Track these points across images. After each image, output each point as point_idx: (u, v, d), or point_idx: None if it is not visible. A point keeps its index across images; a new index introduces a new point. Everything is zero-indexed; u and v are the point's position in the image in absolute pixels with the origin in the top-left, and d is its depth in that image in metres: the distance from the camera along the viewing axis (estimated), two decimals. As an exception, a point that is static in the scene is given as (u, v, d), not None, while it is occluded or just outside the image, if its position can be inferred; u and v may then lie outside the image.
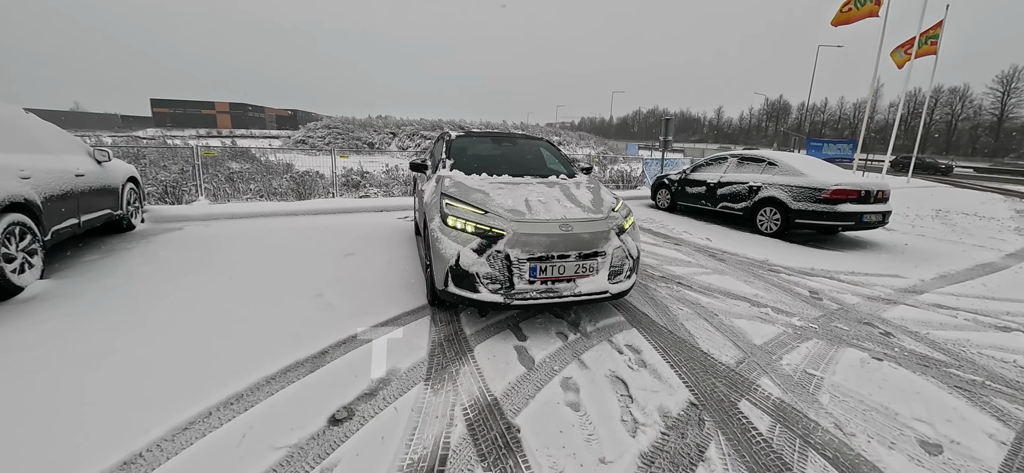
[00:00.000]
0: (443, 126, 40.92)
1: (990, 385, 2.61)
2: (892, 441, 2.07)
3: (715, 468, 1.85)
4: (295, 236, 5.70)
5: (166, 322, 3.02)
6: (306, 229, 6.17)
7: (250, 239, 5.46)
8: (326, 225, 6.51)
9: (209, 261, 4.45)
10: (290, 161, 12.17)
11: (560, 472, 1.78)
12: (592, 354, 2.77)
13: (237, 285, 3.78)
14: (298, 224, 6.52)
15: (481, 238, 2.85)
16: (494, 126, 42.05)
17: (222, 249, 4.94)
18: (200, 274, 4.03)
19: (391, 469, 1.75)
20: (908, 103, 58.43)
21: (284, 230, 6.06)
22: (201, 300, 3.42)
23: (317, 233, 5.92)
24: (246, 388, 2.23)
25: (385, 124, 42.67)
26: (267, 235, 5.71)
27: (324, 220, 6.93)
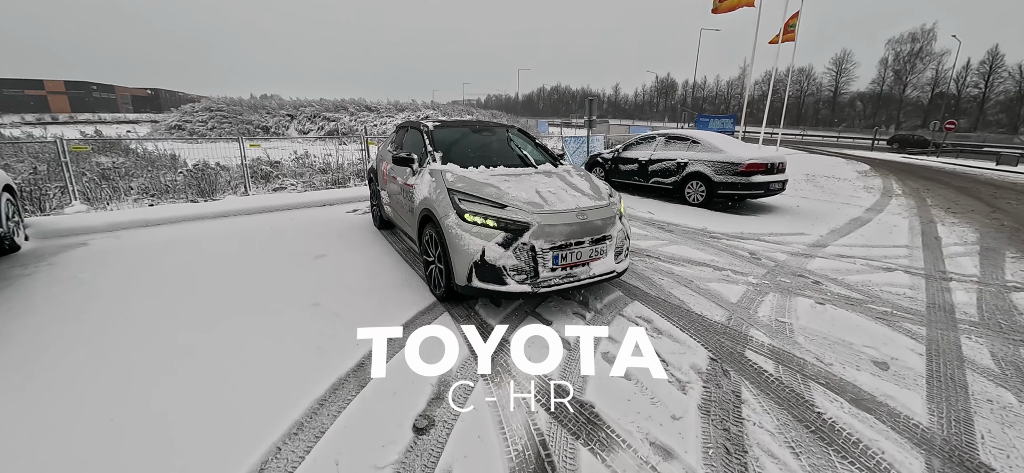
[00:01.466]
0: (347, 106, 38.12)
1: (896, 313, 3.44)
2: (856, 365, 2.68)
3: (752, 406, 2.25)
4: (241, 241, 5.11)
5: (161, 357, 2.62)
6: (247, 232, 5.55)
7: (188, 248, 4.77)
8: (267, 226, 5.90)
9: (155, 279, 3.84)
10: (175, 152, 10.50)
11: (646, 433, 2.02)
12: (614, 328, 3.05)
13: (212, 303, 3.36)
14: (233, 228, 5.82)
15: (506, 232, 2.93)
16: (403, 106, 40.27)
17: (161, 263, 4.27)
18: (156, 297, 3.49)
19: (504, 463, 1.84)
20: (772, 83, 68.53)
21: (221, 235, 5.38)
22: (182, 326, 3.00)
23: (264, 236, 5.37)
24: (303, 415, 2.10)
25: (280, 105, 38.50)
26: (205, 242, 5.04)
27: (259, 221, 6.25)
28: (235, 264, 4.30)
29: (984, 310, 3.54)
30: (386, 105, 40.93)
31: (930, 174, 14.66)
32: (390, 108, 40.67)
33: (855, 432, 2.08)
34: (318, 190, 8.73)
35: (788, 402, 2.30)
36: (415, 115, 37.82)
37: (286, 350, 2.68)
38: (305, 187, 9.00)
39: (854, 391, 2.41)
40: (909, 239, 5.81)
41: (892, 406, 2.28)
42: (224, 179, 8.55)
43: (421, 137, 4.21)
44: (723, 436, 2.04)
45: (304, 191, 8.66)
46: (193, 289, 3.63)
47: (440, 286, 3.40)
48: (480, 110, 50.50)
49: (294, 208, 7.13)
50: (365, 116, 37.85)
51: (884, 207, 8.14)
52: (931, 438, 2.07)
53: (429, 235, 3.49)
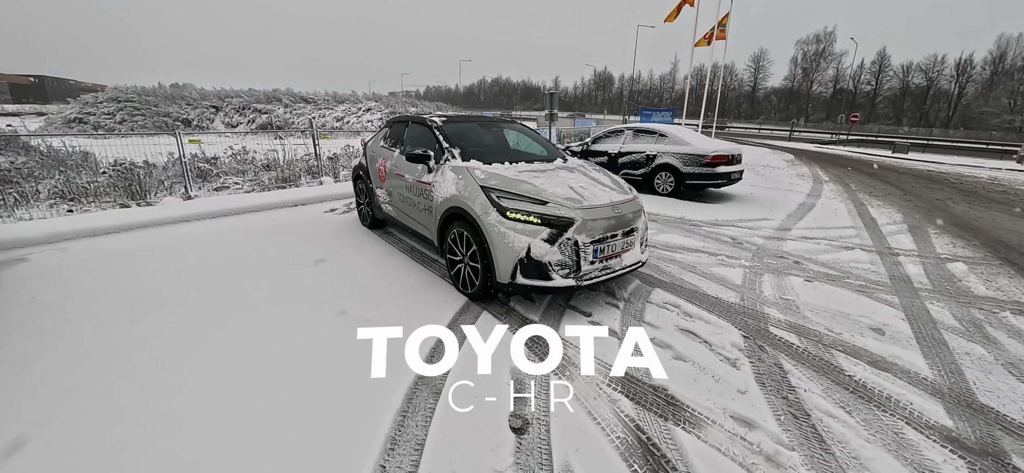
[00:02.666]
0: (281, 97, 35.53)
1: (870, 286, 3.96)
2: (860, 332, 3.07)
3: (796, 376, 2.52)
4: (220, 246, 4.67)
5: (204, 394, 2.37)
6: (219, 236, 5.07)
7: (166, 256, 4.27)
8: (235, 230, 5.42)
9: (143, 296, 3.42)
10: (86, 149, 9.08)
11: (723, 408, 2.20)
12: (650, 316, 3.23)
13: (226, 320, 3.06)
14: (200, 232, 5.28)
15: (551, 228, 2.98)
16: (343, 97, 38.27)
17: (141, 277, 3.80)
18: (155, 316, 3.11)
19: (614, 452, 1.92)
20: (701, 78, 73.59)
21: (194, 240, 4.87)
22: (208, 352, 2.72)
23: (242, 240, 4.95)
24: (391, 429, 2.03)
25: (202, 96, 35.05)
26: (182, 248, 4.54)
27: (226, 225, 5.72)
28: (230, 272, 3.93)
29: (932, 279, 4.18)
30: (324, 96, 38.68)
31: (842, 162, 16.66)
32: (329, 99, 38.52)
33: (884, 389, 2.41)
34: (271, 190, 8.06)
35: (822, 369, 2.60)
36: (357, 108, 36.12)
37: (338, 365, 2.54)
38: (253, 186, 8.28)
39: (868, 355, 2.77)
40: (851, 221, 6.63)
41: (902, 365, 2.66)
42: (156, 179, 7.64)
43: (431, 133, 4.10)
44: (785, 404, 2.27)
45: (252, 191, 7.97)
46: (195, 304, 3.28)
47: (470, 285, 3.37)
48: (423, 103, 49.21)
49: (261, 209, 6.59)
50: (301, 108, 35.56)
51: (820, 193, 9.18)
52: (940, 388, 2.45)
53: (456, 233, 3.44)
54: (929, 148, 23.73)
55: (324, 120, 32.77)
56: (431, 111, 38.78)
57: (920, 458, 1.95)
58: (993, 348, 2.90)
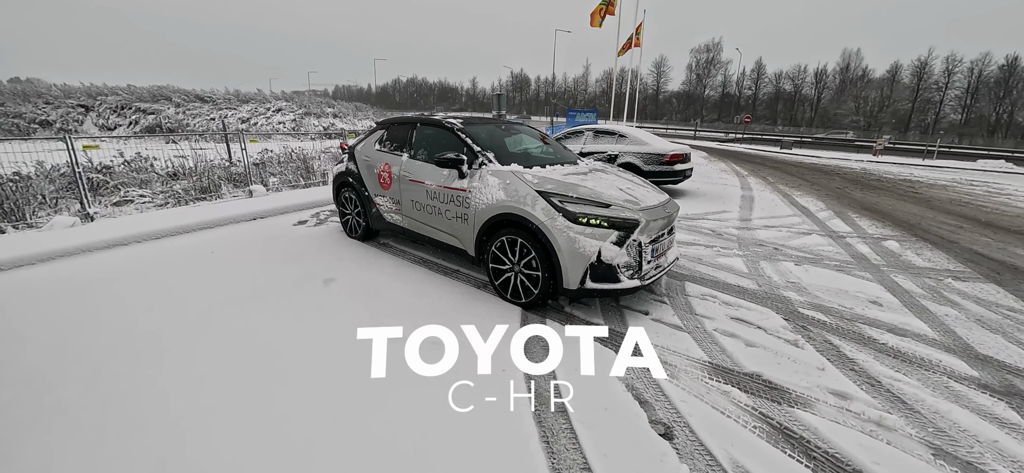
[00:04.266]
0: (170, 96, 31.02)
1: (844, 264, 4.60)
2: (864, 306, 3.56)
3: (847, 349, 2.85)
4: (189, 276, 3.96)
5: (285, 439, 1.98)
6: (178, 263, 4.30)
7: (135, 281, 3.49)
8: (194, 251, 4.65)
9: (124, 350, 2.76)
10: None
11: (816, 385, 2.42)
12: (700, 309, 3.42)
13: (275, 364, 2.61)
14: (142, 257, 4.43)
15: (619, 230, 3.01)
16: (247, 96, 34.54)
17: (103, 324, 3.06)
18: (162, 377, 2.53)
19: (762, 442, 2.01)
20: (610, 81, 78.66)
21: (143, 269, 4.06)
22: (278, 402, 2.29)
23: (214, 266, 4.25)
24: (547, 458, 1.91)
25: (66, 93, 29.33)
26: (148, 272, 3.75)
27: (168, 247, 4.88)
28: (233, 308, 3.34)
29: (882, 256, 4.98)
30: (224, 95, 34.56)
31: (746, 158, 19.04)
32: (230, 98, 34.49)
33: (914, 351, 2.84)
34: (192, 203, 6.92)
35: (860, 340, 2.97)
36: (265, 108, 32.77)
37: (448, 403, 2.31)
38: (167, 200, 7.06)
39: (884, 324, 3.22)
40: (790, 210, 7.62)
41: (913, 330, 3.15)
42: (33, 194, 6.08)
43: (454, 137, 3.89)
44: (857, 374, 2.56)
45: (167, 205, 6.81)
46: (213, 362, 2.74)
47: (524, 294, 3.28)
48: (341, 103, 46.11)
49: (212, 226, 5.68)
50: (196, 108, 31.44)
51: (750, 187, 10.40)
52: (950, 345, 2.94)
53: (504, 241, 3.32)
54: (804, 144, 28.06)
55: (226, 120, 29.22)
56: (326, 108, 36.55)
57: (975, 404, 2.33)
58: (959, 309, 3.55)
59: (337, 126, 30.76)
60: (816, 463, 1.91)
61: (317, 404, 2.20)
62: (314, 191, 7.98)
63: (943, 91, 46.15)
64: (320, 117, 31.96)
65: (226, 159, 8.94)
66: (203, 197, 7.38)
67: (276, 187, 8.44)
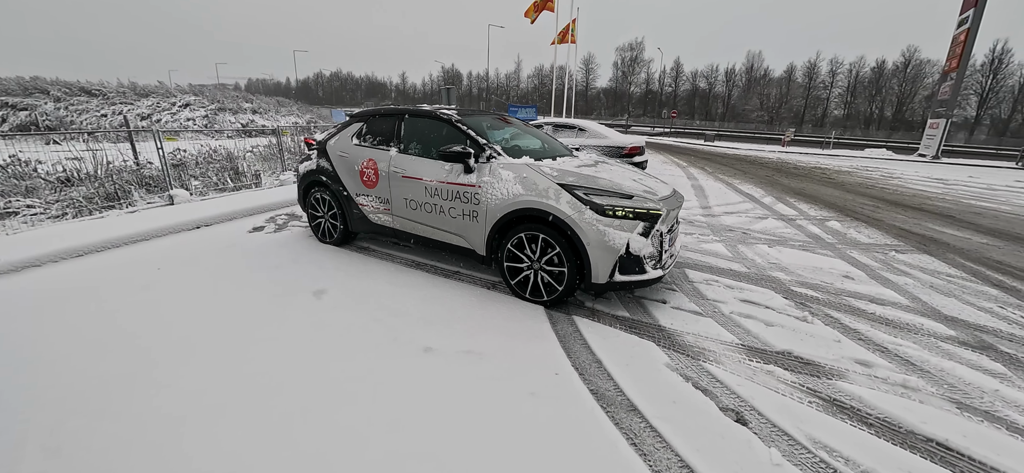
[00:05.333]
0: (48, 88, 26.35)
1: (807, 244, 5.06)
2: (841, 281, 3.92)
3: (847, 321, 3.10)
4: (145, 300, 3.32)
5: None
6: (119, 284, 3.61)
7: (118, 294, 2.81)
8: (134, 267, 3.94)
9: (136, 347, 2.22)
10: None
11: (841, 356, 2.59)
12: (710, 293, 3.54)
13: (294, 375, 2.23)
14: (62, 278, 3.66)
15: (645, 221, 3.00)
16: (147, 90, 30.41)
17: (56, 347, 2.44)
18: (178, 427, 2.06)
19: (827, 415, 2.10)
20: (541, 77, 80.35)
21: (71, 292, 3.34)
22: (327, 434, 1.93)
23: (170, 283, 3.62)
24: (630, 460, 1.82)
25: None
26: (67, 305, 3.06)
27: (96, 265, 4.10)
28: (213, 330, 2.82)
29: (832, 235, 5.55)
30: (118, 88, 30.09)
31: (679, 150, 20.48)
32: (125, 91, 30.15)
33: (899, 319, 3.17)
34: (97, 213, 5.86)
35: (854, 312, 3.26)
36: (170, 102, 29.04)
37: (502, 416, 2.12)
38: (65, 209, 5.92)
39: (865, 296, 3.57)
40: (739, 197, 8.27)
41: (890, 299, 3.52)
42: None
43: (454, 129, 3.64)
44: (869, 344, 2.79)
45: (66, 216, 5.72)
46: (217, 387, 2.28)
47: (546, 291, 3.17)
48: (260, 98, 42.12)
49: (147, 238, 4.83)
50: (82, 102, 27.14)
51: (695, 177, 11.15)
52: (923, 310, 3.33)
53: (522, 238, 3.17)
54: (722, 137, 30.84)
55: (121, 118, 25.42)
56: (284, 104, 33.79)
57: (966, 360, 2.64)
58: (913, 278, 4.05)
59: (257, 123, 28.17)
60: (875, 428, 2.03)
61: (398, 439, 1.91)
62: (255, 194, 7.13)
63: (829, 89, 53.48)
64: (237, 113, 28.97)
65: (131, 160, 7.64)
66: (111, 205, 6.26)
67: (200, 191, 7.38)
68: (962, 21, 18.19)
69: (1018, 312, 3.36)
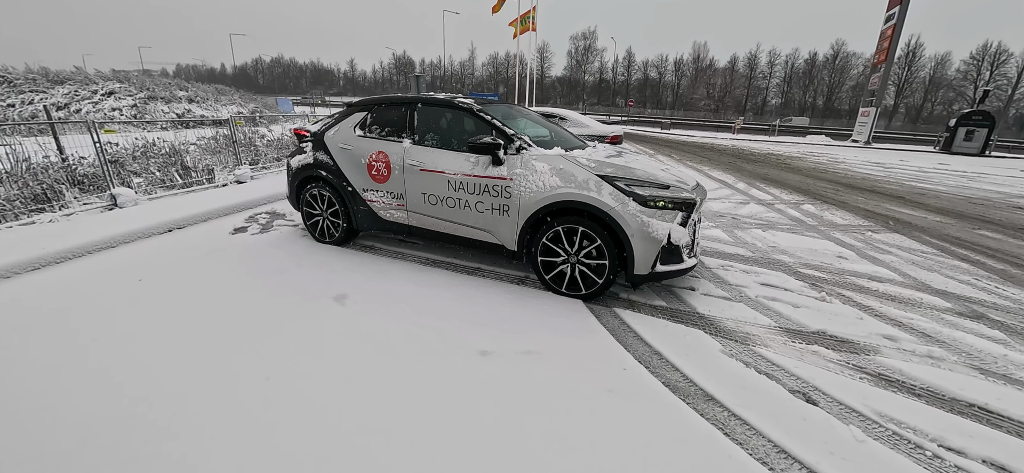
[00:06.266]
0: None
1: (795, 228, 5.38)
2: (837, 261, 4.21)
3: (858, 299, 3.34)
4: (140, 314, 2.95)
5: None
6: (82, 299, 3.19)
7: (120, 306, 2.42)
8: (100, 286, 3.51)
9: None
10: None
11: (870, 332, 2.79)
12: (731, 278, 3.67)
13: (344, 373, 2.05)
14: (16, 295, 3.18)
15: (682, 211, 3.04)
16: (62, 76, 27.07)
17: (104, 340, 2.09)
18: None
19: (883, 391, 2.24)
20: (496, 65, 79.86)
21: (36, 315, 2.91)
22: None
23: (154, 301, 3.24)
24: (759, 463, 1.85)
25: None
26: (36, 329, 2.65)
27: (44, 283, 3.62)
28: (220, 343, 2.54)
29: (811, 218, 5.95)
30: (25, 74, 26.56)
31: (639, 138, 21.11)
32: (36, 78, 26.70)
33: (900, 294, 3.46)
34: (25, 217, 5.09)
35: (861, 290, 3.51)
36: (90, 90, 25.99)
37: (591, 416, 2.08)
38: None
39: (864, 274, 3.86)
40: (715, 184, 8.66)
41: (885, 277, 3.83)
42: None
43: (479, 120, 3.49)
44: (884, 320, 3.02)
45: None
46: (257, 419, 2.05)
47: (583, 285, 3.15)
48: (195, 85, 38.56)
49: (111, 245, 4.28)
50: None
51: (666, 164, 11.54)
52: (915, 285, 3.64)
53: (559, 231, 3.12)
54: (677, 125, 32.17)
55: (32, 108, 22.47)
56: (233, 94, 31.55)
57: (969, 328, 2.92)
58: (894, 255, 4.43)
59: (195, 112, 25.97)
60: (925, 398, 2.20)
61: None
62: (223, 193, 6.54)
63: (768, 80, 57.35)
64: (170, 102, 26.45)
65: (55, 156, 6.66)
66: (41, 208, 5.47)
67: (145, 189, 6.61)
68: (889, 17, 20.07)
69: (991, 283, 3.77)
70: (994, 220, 6.13)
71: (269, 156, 9.52)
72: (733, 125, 26.42)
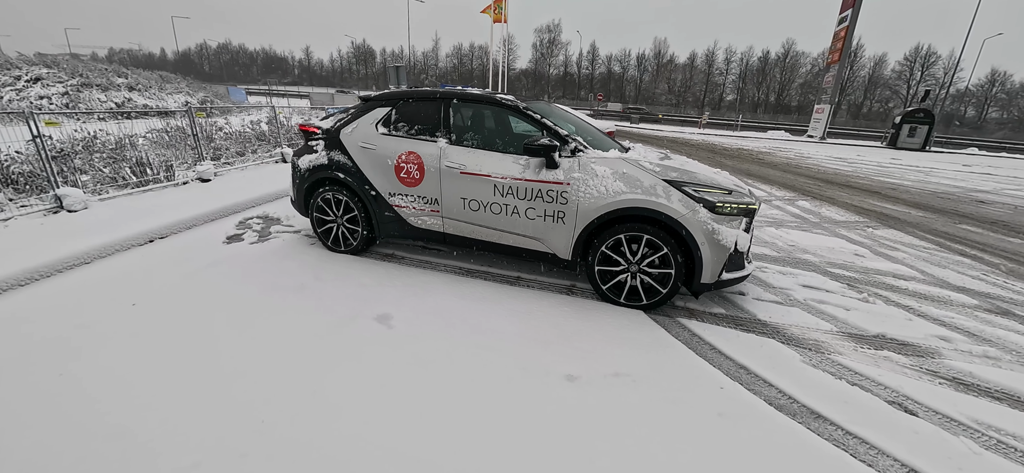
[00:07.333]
0: None
1: (804, 225, 5.54)
2: (857, 259, 4.35)
3: (892, 297, 3.44)
4: (155, 343, 2.53)
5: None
6: (103, 324, 2.74)
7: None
8: (87, 312, 3.04)
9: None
10: None
11: (921, 333, 2.85)
12: (768, 279, 3.68)
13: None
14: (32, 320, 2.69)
15: (746, 216, 2.98)
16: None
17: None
18: None
19: (952, 392, 2.26)
20: (461, 57, 78.66)
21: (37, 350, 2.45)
22: None
23: (160, 329, 2.82)
24: (864, 466, 1.79)
25: None
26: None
27: (28, 305, 3.10)
28: (293, 374, 2.21)
29: (811, 215, 6.17)
30: (-78, 51, 23.23)
31: (616, 132, 21.34)
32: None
33: (929, 292, 3.60)
34: None
35: (892, 289, 3.63)
36: (12, 75, 23.07)
37: (714, 445, 1.95)
38: None
39: (888, 272, 4.00)
40: (704, 178, 8.82)
41: (906, 274, 3.99)
42: None
43: (528, 118, 3.27)
44: (930, 320, 3.11)
45: None
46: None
47: (645, 295, 3.03)
48: (136, 72, 35.16)
49: (88, 261, 3.71)
50: None
51: (652, 158, 11.70)
52: (936, 281, 3.81)
53: (622, 239, 2.97)
54: (645, 120, 32.93)
55: (-64, 92, 19.69)
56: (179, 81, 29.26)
57: (1003, 324, 3.07)
58: (904, 251, 4.64)
59: (137, 102, 23.78)
60: (1003, 401, 2.26)
61: None
62: (175, 194, 5.90)
63: (724, 76, 59.98)
64: (108, 90, 23.99)
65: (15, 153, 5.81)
66: None
67: (94, 190, 5.82)
68: (842, 19, 21.40)
69: (997, 277, 4.01)
70: (967, 214, 6.63)
71: (231, 151, 8.68)
72: (699, 120, 27.40)
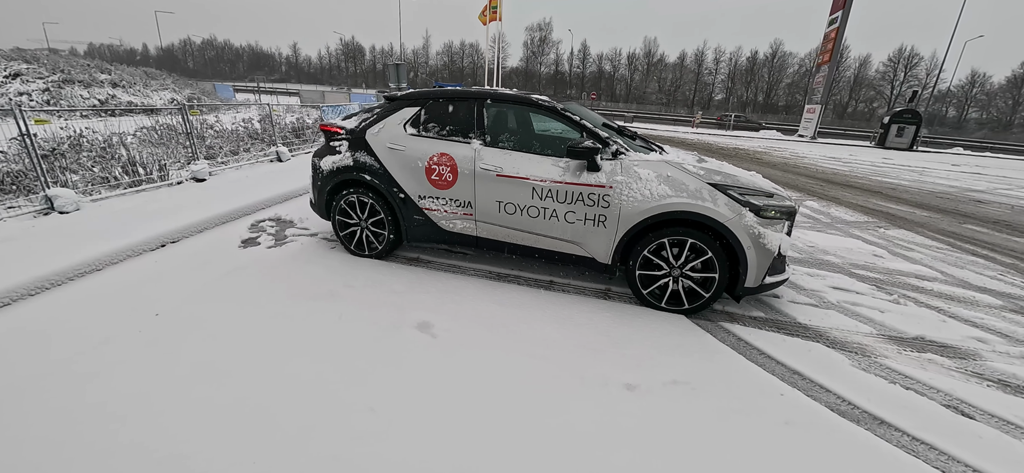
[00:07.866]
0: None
1: (818, 226, 5.60)
2: (877, 259, 4.41)
3: (919, 298, 3.48)
4: (195, 351, 2.43)
5: None
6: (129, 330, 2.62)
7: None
8: (108, 321, 2.92)
9: None
10: None
11: (957, 335, 2.89)
12: (805, 283, 3.70)
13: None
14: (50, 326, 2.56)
15: (789, 220, 2.98)
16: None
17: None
18: None
19: (1002, 395, 2.30)
20: (451, 54, 78.27)
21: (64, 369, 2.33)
22: None
23: (187, 340, 2.72)
24: None
25: None
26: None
27: (38, 316, 2.97)
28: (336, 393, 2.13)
29: (821, 216, 6.24)
30: None
31: (614, 131, 21.44)
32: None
33: (953, 293, 3.66)
34: None
35: (918, 290, 3.68)
36: (10, 65, 22.15)
37: (786, 457, 1.94)
38: None
39: (910, 273, 4.06)
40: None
41: (927, 274, 4.04)
42: None
43: (567, 120, 3.23)
44: (962, 321, 3.15)
45: None
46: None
47: (687, 300, 3.01)
48: (120, 68, 34.13)
49: (97, 267, 3.55)
50: None
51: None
52: (957, 281, 3.88)
53: (665, 243, 2.95)
54: (638, 119, 33.12)
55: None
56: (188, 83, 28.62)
57: (1011, 315, 3.13)
58: (920, 252, 4.72)
59: (121, 99, 23.13)
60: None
61: None
62: (170, 194, 5.72)
63: (714, 76, 60.74)
64: (90, 86, 23.26)
65: None
66: None
67: (86, 191, 5.58)
68: (832, 20, 21.78)
69: (1013, 276, 4.10)
70: (969, 214, 6.79)
71: (225, 150, 8.41)
72: (692, 119, 27.69)
